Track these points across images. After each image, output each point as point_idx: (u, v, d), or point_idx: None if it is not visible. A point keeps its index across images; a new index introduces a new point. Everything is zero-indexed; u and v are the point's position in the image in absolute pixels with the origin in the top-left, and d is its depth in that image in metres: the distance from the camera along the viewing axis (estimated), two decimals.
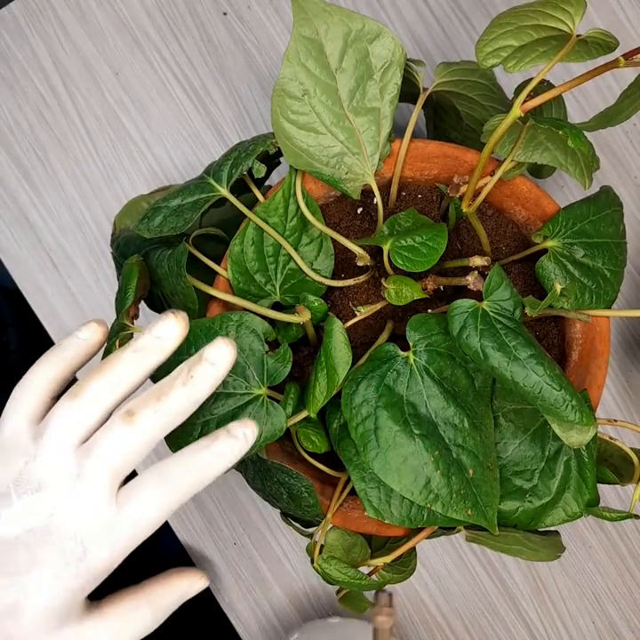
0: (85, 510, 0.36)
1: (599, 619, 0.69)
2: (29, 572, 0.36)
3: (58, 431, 0.37)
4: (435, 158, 0.52)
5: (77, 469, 0.36)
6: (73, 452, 0.36)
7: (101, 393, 0.37)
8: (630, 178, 0.68)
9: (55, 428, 0.37)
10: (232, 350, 0.37)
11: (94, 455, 0.36)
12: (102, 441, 0.36)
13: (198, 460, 0.36)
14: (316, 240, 0.51)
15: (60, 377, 0.39)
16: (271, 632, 0.69)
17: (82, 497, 0.36)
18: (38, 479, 0.36)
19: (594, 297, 0.48)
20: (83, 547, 0.36)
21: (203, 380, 0.37)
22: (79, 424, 0.37)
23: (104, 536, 0.36)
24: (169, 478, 0.36)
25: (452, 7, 0.69)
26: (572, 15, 0.41)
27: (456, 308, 0.44)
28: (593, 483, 0.48)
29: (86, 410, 0.37)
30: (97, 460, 0.36)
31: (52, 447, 0.36)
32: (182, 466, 0.36)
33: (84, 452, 0.36)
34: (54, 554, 0.36)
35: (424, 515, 0.46)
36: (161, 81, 0.69)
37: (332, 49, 0.46)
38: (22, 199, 0.69)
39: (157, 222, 0.48)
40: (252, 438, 0.37)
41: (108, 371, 0.37)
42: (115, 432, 0.36)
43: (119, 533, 0.36)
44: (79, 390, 0.37)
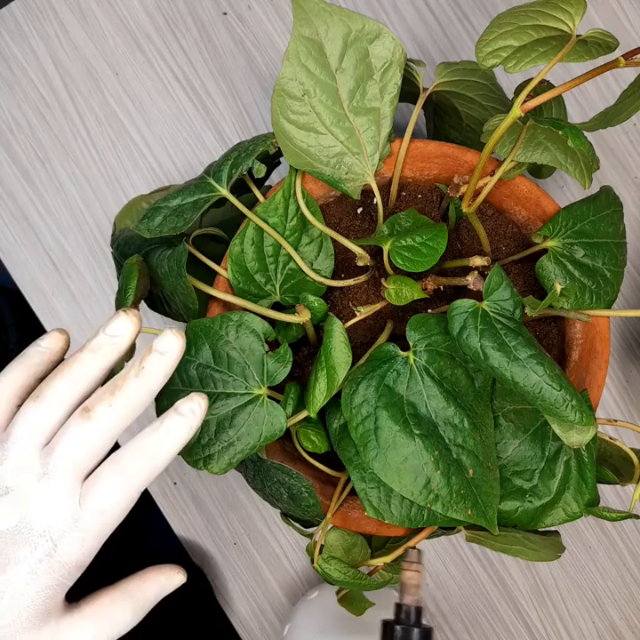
0: (51, 507, 0.37)
1: (599, 619, 0.69)
2: (4, 571, 0.36)
3: (23, 433, 0.38)
4: (435, 158, 0.52)
5: (42, 468, 0.37)
6: (37, 452, 0.38)
7: (62, 392, 0.38)
8: (630, 178, 0.68)
9: (20, 430, 0.38)
10: (180, 340, 0.38)
11: (56, 453, 0.37)
12: (62, 439, 0.37)
13: (149, 443, 0.37)
14: (315, 240, 0.51)
15: (25, 385, 0.40)
16: (271, 632, 0.69)
17: (47, 495, 0.37)
18: (5, 483, 0.37)
19: (594, 297, 0.48)
20: (52, 542, 0.37)
21: (154, 370, 0.38)
22: (43, 424, 0.38)
23: (72, 530, 0.37)
24: (124, 464, 0.37)
25: (452, 7, 0.69)
26: (571, 15, 0.41)
27: (456, 308, 0.44)
28: (593, 483, 0.48)
29: (49, 410, 0.38)
30: (59, 458, 0.37)
31: (18, 450, 0.37)
32: (135, 450, 0.37)
33: (47, 452, 0.37)
34: (26, 551, 0.37)
35: (424, 515, 0.46)
36: (161, 81, 0.69)
37: (332, 49, 0.46)
38: (22, 199, 0.69)
39: (157, 222, 0.48)
40: (201, 412, 0.38)
41: (67, 371, 0.38)
42: (73, 429, 0.37)
43: (86, 526, 0.37)
44: (41, 392, 0.38)
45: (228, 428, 0.45)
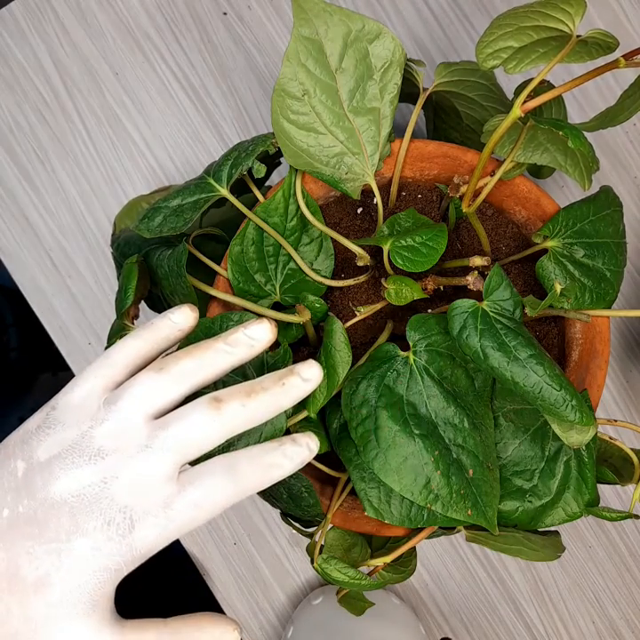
0: (143, 484, 0.34)
1: (599, 619, 0.69)
2: (69, 540, 0.34)
3: (135, 399, 0.35)
4: (435, 158, 0.52)
5: (146, 441, 0.35)
6: (144, 423, 0.35)
7: (189, 372, 0.36)
8: (630, 178, 0.68)
9: (133, 395, 0.36)
10: (321, 374, 0.39)
11: (170, 431, 0.35)
12: (183, 419, 0.35)
13: (267, 460, 0.36)
14: (315, 240, 0.51)
15: (145, 355, 0.38)
16: (271, 632, 0.69)
17: (142, 470, 0.34)
18: (99, 445, 0.35)
19: (594, 297, 0.48)
20: (131, 522, 0.34)
21: (292, 391, 0.37)
22: (159, 397, 0.36)
23: (156, 515, 0.34)
24: (237, 470, 0.35)
25: (452, 7, 0.69)
26: (571, 16, 0.41)
27: (456, 307, 0.44)
28: (593, 483, 0.48)
29: (170, 385, 0.36)
30: (171, 437, 0.35)
31: (124, 414, 0.35)
32: (252, 461, 0.36)
33: (159, 426, 0.35)
34: (98, 525, 0.34)
35: (424, 515, 0.46)
36: (161, 81, 0.69)
37: (332, 49, 0.46)
38: (22, 199, 0.69)
39: (157, 222, 0.48)
40: (315, 449, 0.38)
41: (199, 354, 0.37)
42: (198, 414, 0.35)
43: (174, 515, 0.34)
44: (166, 364, 0.36)
45: None
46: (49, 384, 0.96)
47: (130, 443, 0.35)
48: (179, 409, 0.36)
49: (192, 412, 0.35)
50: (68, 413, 0.36)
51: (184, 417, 0.35)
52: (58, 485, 0.34)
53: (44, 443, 0.35)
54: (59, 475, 0.34)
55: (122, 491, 0.34)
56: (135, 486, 0.34)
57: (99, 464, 0.35)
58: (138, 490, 0.34)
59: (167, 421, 0.35)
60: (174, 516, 0.34)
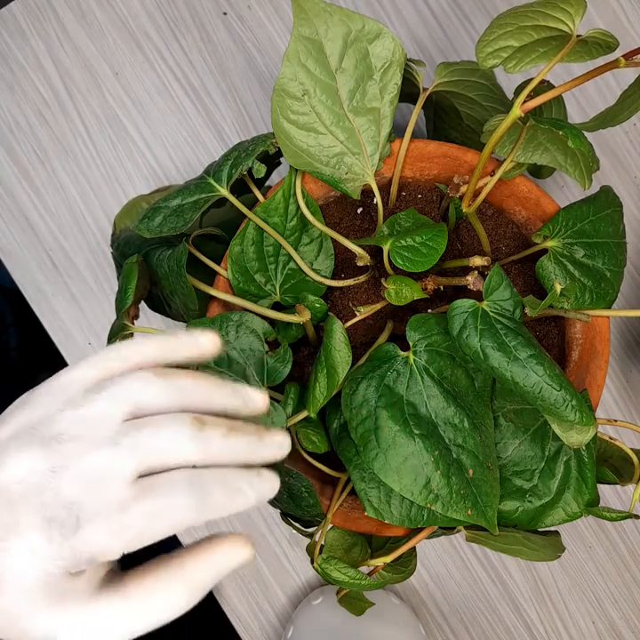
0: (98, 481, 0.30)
1: (599, 619, 0.69)
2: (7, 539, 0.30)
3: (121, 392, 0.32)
4: (435, 158, 0.52)
5: (115, 437, 0.31)
6: (120, 419, 0.32)
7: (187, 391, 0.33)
8: (630, 178, 0.68)
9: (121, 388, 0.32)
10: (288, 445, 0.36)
11: (143, 433, 0.32)
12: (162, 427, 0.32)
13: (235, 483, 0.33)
14: (315, 240, 0.51)
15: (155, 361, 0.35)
16: (271, 632, 0.69)
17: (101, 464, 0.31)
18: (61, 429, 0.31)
19: (594, 297, 0.48)
20: (76, 521, 0.30)
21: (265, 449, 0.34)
22: (147, 401, 0.32)
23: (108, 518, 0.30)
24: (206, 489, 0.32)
25: (452, 7, 0.69)
26: (572, 15, 0.41)
27: (456, 308, 0.44)
28: (593, 483, 0.48)
29: (163, 393, 0.33)
30: (143, 439, 0.31)
31: (103, 405, 0.32)
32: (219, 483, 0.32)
33: (134, 426, 0.32)
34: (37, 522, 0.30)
35: (424, 515, 0.46)
36: (161, 81, 0.69)
37: (332, 49, 0.46)
38: (22, 199, 0.69)
39: (157, 222, 0.48)
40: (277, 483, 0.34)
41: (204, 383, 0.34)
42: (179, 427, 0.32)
43: (129, 522, 0.30)
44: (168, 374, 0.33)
45: None
46: None
47: (97, 434, 0.31)
48: (160, 416, 0.33)
49: (172, 423, 0.32)
50: (46, 396, 0.33)
51: (163, 425, 0.32)
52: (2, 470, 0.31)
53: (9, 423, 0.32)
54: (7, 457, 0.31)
55: (72, 484, 0.30)
56: (89, 482, 0.30)
57: (51, 449, 0.31)
58: (90, 486, 0.30)
59: (144, 424, 0.32)
60: (129, 523, 0.30)
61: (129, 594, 0.32)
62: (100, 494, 0.30)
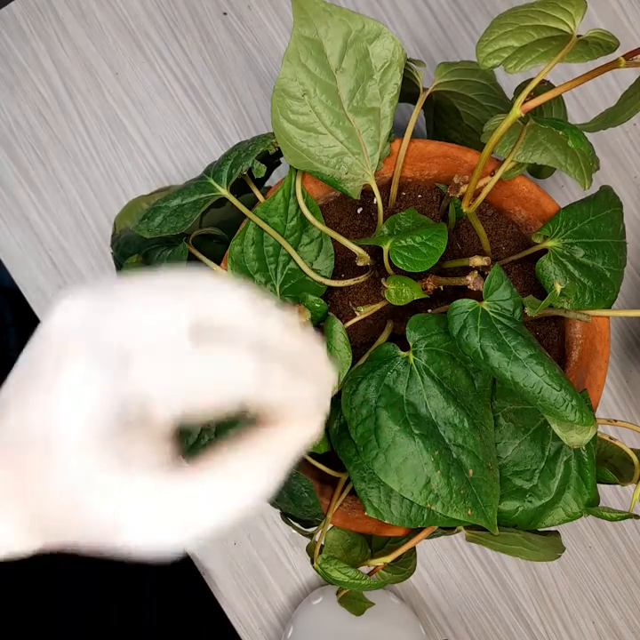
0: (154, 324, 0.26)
1: (599, 619, 0.69)
2: (53, 387, 0.26)
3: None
4: (435, 158, 0.52)
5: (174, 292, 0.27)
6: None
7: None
8: (630, 178, 0.68)
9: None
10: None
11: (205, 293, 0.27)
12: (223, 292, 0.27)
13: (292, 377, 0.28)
14: (315, 240, 0.51)
15: None
16: (271, 632, 0.69)
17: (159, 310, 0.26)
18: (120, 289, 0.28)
19: (594, 297, 0.48)
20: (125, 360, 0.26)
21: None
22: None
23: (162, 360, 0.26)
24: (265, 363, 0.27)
25: (452, 7, 0.69)
26: (572, 15, 0.41)
27: (456, 308, 0.44)
28: (593, 483, 0.48)
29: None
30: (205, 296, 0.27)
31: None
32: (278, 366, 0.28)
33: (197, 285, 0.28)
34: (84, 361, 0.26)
35: (424, 515, 0.46)
36: (161, 81, 0.69)
37: (332, 49, 0.46)
38: (22, 199, 0.69)
39: (157, 222, 0.48)
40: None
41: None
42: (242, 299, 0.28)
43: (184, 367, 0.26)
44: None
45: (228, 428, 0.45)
46: None
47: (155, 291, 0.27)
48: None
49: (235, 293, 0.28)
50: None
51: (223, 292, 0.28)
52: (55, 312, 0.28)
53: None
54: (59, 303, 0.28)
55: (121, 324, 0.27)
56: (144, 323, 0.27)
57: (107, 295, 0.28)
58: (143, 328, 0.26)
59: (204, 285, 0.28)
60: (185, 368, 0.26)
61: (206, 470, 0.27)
62: (153, 337, 0.26)
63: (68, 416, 0.25)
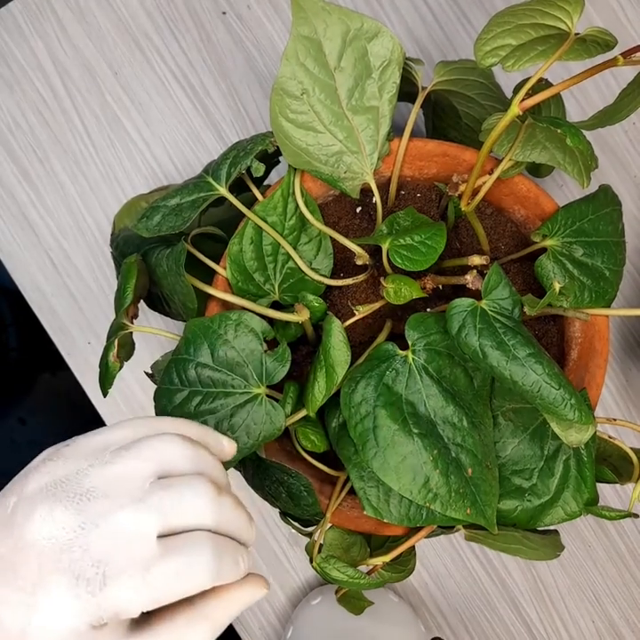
0: (125, 540, 0.31)
1: (599, 618, 0.69)
2: (34, 593, 0.31)
3: (151, 452, 0.34)
4: (433, 157, 0.52)
5: (142, 495, 0.32)
6: (147, 478, 0.33)
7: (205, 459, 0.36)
8: (629, 176, 0.68)
9: (152, 448, 0.34)
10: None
11: (170, 493, 0.33)
12: (188, 488, 0.33)
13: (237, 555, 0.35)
14: (314, 239, 0.51)
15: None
16: (271, 632, 0.69)
17: (128, 524, 0.32)
18: (91, 485, 0.32)
19: (593, 296, 0.48)
20: (103, 579, 0.31)
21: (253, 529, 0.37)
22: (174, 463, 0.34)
23: (132, 576, 0.31)
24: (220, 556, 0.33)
25: (450, 6, 0.69)
26: (570, 13, 0.40)
27: (455, 307, 0.44)
28: (592, 482, 0.48)
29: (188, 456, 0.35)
30: (169, 500, 0.32)
31: (132, 463, 0.33)
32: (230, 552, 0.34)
33: (160, 486, 0.33)
34: (66, 579, 0.31)
35: (423, 514, 0.46)
36: (160, 81, 0.69)
37: (330, 48, 0.46)
38: (22, 199, 0.69)
39: (156, 221, 0.48)
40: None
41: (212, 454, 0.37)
42: (203, 488, 0.34)
43: (151, 580, 0.31)
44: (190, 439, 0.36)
45: (227, 427, 0.45)
46: (48, 384, 0.96)
47: (124, 492, 0.32)
48: (184, 477, 0.34)
49: (198, 486, 0.34)
50: (76, 451, 0.34)
51: (189, 487, 0.33)
52: (33, 523, 0.31)
53: (37, 475, 0.33)
54: (35, 511, 0.32)
55: (99, 542, 0.31)
56: (115, 540, 0.31)
57: (82, 506, 0.32)
58: (117, 544, 0.31)
59: (169, 484, 0.33)
60: (152, 582, 0.31)
61: (159, 636, 0.33)
62: (126, 552, 0.31)
63: (45, 623, 0.31)
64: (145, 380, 0.68)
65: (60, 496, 0.32)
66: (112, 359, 0.46)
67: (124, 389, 0.68)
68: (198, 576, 0.32)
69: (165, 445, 0.34)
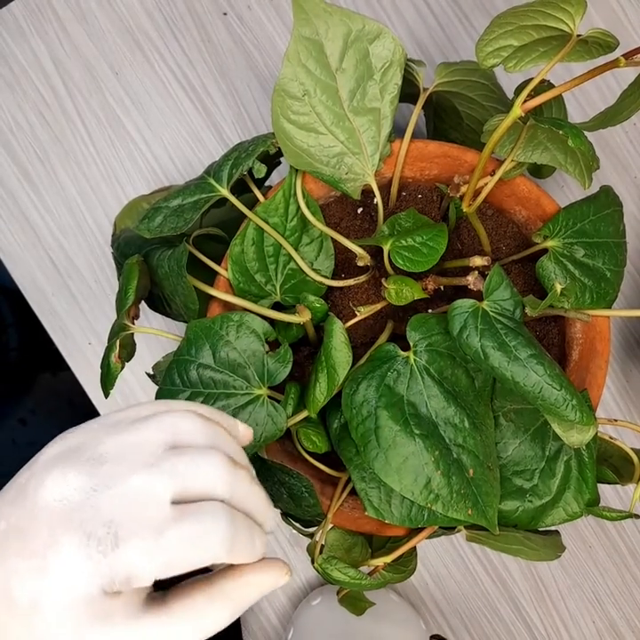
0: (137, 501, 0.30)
1: (599, 618, 0.69)
2: (45, 556, 0.30)
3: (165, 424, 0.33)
4: (435, 158, 0.52)
5: (155, 460, 0.32)
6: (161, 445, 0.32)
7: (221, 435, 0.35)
8: (630, 177, 0.68)
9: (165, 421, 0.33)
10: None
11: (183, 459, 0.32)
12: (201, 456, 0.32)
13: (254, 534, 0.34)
14: (316, 240, 0.51)
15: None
16: (271, 632, 0.69)
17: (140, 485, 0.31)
18: (104, 450, 0.32)
19: (594, 296, 0.48)
20: (115, 539, 0.30)
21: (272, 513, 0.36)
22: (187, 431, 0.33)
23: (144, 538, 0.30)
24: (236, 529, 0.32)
25: (452, 7, 0.69)
26: (572, 15, 0.41)
27: (456, 307, 0.44)
28: (593, 482, 0.48)
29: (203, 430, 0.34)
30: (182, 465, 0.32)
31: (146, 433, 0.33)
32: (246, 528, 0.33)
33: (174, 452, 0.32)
34: (77, 539, 0.30)
35: (424, 514, 0.46)
36: (161, 81, 0.69)
37: (332, 49, 0.46)
38: (22, 199, 0.69)
39: (158, 222, 0.48)
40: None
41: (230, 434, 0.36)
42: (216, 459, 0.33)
43: (165, 544, 0.30)
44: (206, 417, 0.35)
45: None
46: (49, 384, 0.96)
47: (137, 457, 0.32)
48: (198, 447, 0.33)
49: (211, 455, 0.33)
50: (94, 424, 0.34)
51: (203, 455, 0.33)
52: (45, 487, 0.31)
53: (51, 447, 0.33)
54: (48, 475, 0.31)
55: (111, 502, 0.30)
56: (127, 501, 0.30)
57: (95, 468, 0.31)
58: (130, 506, 0.30)
59: (183, 452, 0.32)
60: (165, 546, 0.30)
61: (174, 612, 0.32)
62: (138, 514, 0.30)
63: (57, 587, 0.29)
64: (146, 381, 0.68)
65: (73, 460, 0.32)
66: (114, 360, 0.46)
67: (125, 390, 0.68)
68: (213, 545, 0.31)
69: (180, 418, 0.34)
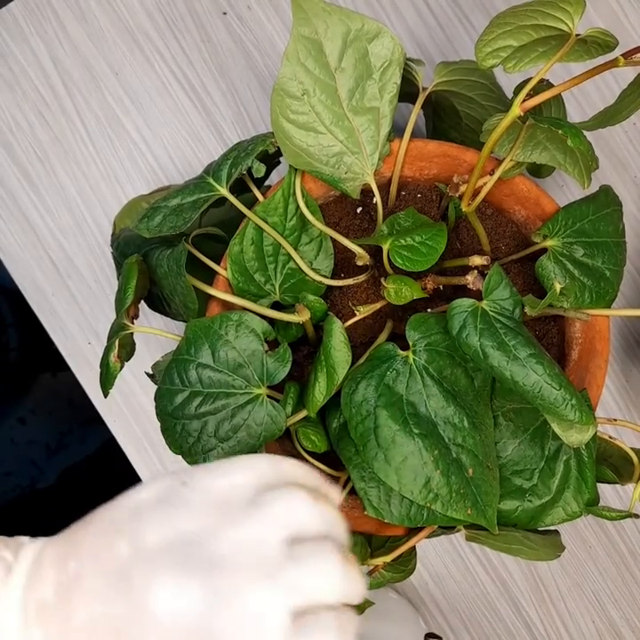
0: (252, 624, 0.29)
1: (599, 618, 0.69)
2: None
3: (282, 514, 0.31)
4: (434, 158, 0.52)
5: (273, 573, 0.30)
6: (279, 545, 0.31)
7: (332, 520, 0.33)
8: (630, 177, 0.68)
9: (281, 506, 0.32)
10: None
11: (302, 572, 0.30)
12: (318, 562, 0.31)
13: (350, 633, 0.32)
14: (315, 239, 0.51)
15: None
16: None
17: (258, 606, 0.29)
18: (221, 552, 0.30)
19: (593, 296, 0.48)
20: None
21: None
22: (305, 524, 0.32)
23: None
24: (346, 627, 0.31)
25: (451, 7, 0.69)
26: (571, 14, 0.41)
27: (456, 307, 0.44)
28: (593, 482, 0.48)
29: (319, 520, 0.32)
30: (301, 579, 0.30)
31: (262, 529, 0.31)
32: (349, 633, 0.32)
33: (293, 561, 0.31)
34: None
35: (424, 514, 0.46)
36: (161, 81, 0.69)
37: (331, 48, 0.46)
38: (22, 199, 0.69)
39: (157, 222, 0.48)
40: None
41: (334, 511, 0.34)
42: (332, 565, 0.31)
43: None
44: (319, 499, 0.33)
45: (228, 427, 0.45)
46: (49, 384, 0.96)
47: (255, 562, 0.30)
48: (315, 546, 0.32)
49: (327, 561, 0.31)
50: (200, 497, 0.31)
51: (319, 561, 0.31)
52: (154, 593, 0.28)
53: (155, 524, 0.30)
54: (157, 578, 0.29)
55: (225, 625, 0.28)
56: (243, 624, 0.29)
57: (210, 577, 0.29)
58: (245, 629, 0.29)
59: (300, 558, 0.31)
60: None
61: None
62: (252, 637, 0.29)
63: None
64: (145, 381, 0.68)
65: (186, 564, 0.29)
66: (113, 359, 0.46)
67: (124, 390, 0.68)
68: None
69: (296, 505, 0.32)
